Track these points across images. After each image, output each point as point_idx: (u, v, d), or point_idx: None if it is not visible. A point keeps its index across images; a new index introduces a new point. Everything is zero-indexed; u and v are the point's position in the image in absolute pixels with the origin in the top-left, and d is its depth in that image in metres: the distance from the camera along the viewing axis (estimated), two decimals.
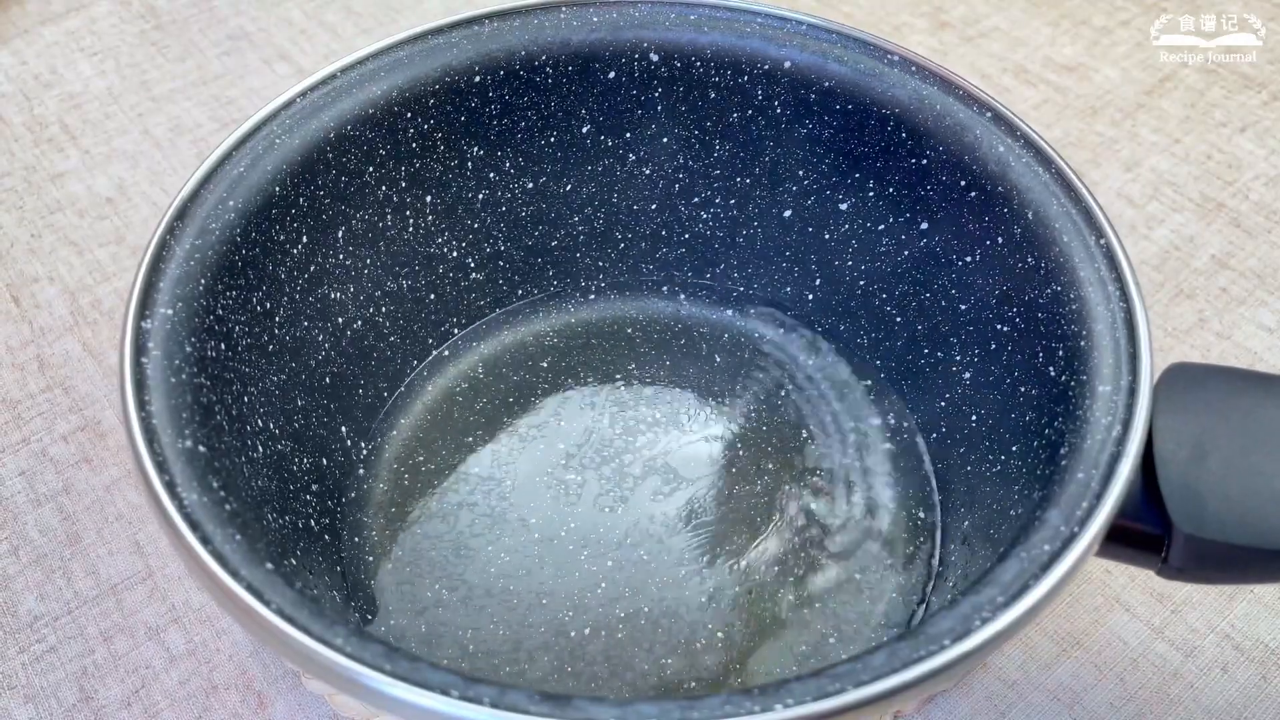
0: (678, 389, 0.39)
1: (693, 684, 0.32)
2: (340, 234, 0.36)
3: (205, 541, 0.25)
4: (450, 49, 0.36)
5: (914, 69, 0.35)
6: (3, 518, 0.39)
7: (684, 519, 0.35)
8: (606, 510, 0.35)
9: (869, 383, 0.41)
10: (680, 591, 0.34)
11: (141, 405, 0.27)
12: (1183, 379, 0.29)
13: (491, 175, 0.40)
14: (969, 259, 0.35)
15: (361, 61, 0.35)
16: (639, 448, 0.36)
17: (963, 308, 0.36)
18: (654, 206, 0.42)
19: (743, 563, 0.35)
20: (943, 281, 0.37)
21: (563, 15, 0.37)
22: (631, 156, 0.41)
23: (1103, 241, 0.31)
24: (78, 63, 0.56)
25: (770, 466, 0.37)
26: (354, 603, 0.35)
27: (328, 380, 0.37)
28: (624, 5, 0.37)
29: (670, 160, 0.41)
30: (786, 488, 0.37)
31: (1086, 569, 0.30)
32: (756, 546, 0.35)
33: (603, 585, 0.33)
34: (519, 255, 0.43)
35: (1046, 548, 0.25)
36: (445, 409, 0.39)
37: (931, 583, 0.35)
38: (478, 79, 0.37)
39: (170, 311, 0.29)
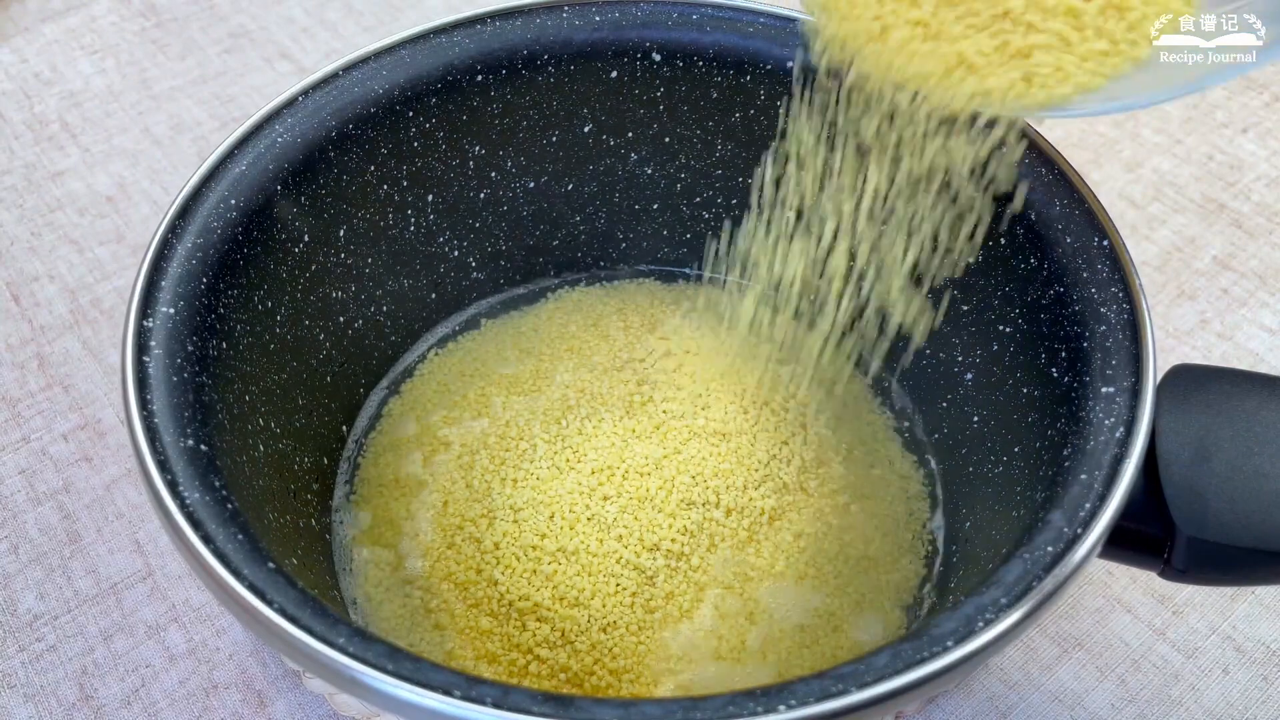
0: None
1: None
2: (342, 233, 0.36)
3: (207, 540, 0.25)
4: (452, 48, 0.36)
5: None
6: (2, 516, 0.39)
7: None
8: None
9: (870, 383, 0.41)
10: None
11: (143, 404, 0.27)
12: (1185, 381, 0.29)
13: (493, 174, 0.40)
14: (971, 260, 0.35)
15: (363, 60, 0.35)
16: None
17: (965, 309, 0.36)
18: (656, 206, 0.42)
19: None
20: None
21: (565, 14, 0.37)
22: (633, 156, 0.41)
23: (1105, 243, 0.31)
24: (78, 61, 0.56)
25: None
26: (355, 602, 0.35)
27: (329, 379, 0.37)
28: (627, 5, 0.37)
29: (672, 160, 0.41)
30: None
31: (1088, 570, 0.30)
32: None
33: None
34: (520, 254, 0.43)
35: (1049, 549, 0.25)
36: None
37: (933, 583, 0.35)
38: (480, 78, 0.37)
39: (172, 310, 0.29)
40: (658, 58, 0.38)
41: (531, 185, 0.41)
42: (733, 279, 0.35)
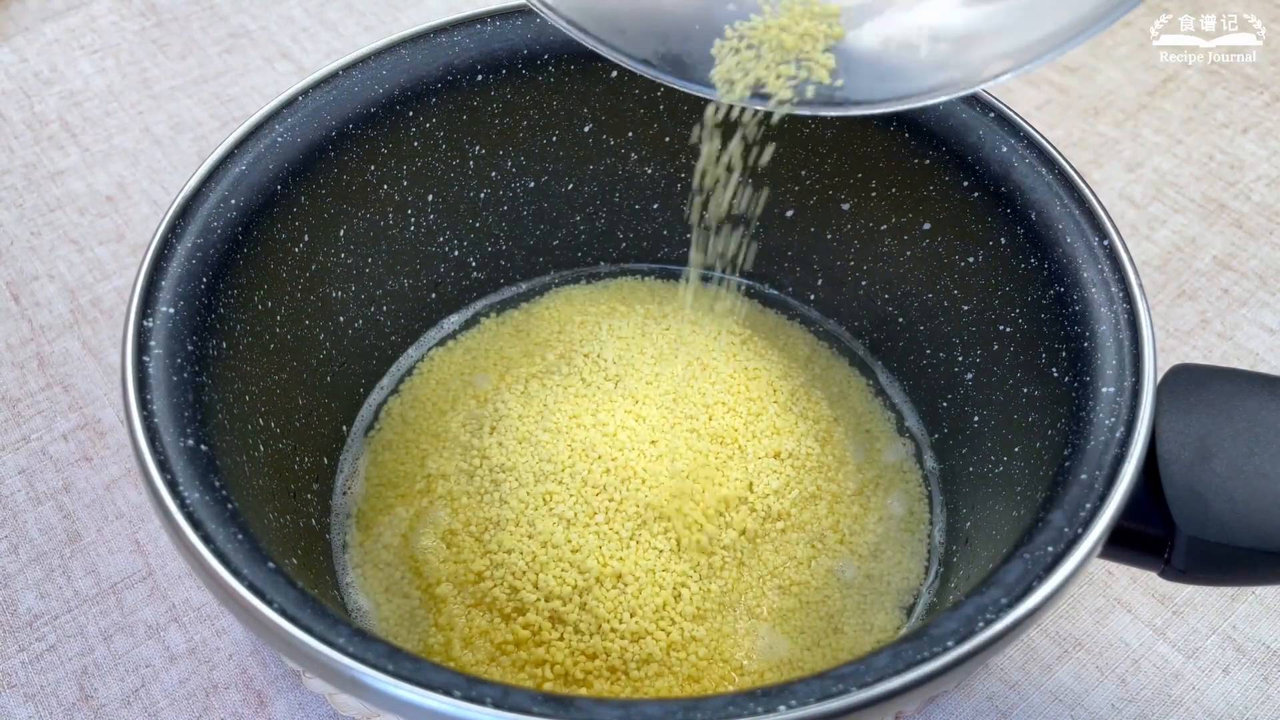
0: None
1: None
2: (342, 233, 0.36)
3: (207, 540, 0.25)
4: (453, 47, 0.36)
5: None
6: (2, 516, 0.39)
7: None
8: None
9: (871, 383, 0.41)
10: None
11: (143, 404, 0.27)
12: (1186, 380, 0.29)
13: (493, 174, 0.40)
14: (971, 260, 0.35)
15: (364, 60, 0.35)
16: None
17: (965, 309, 0.36)
18: (656, 206, 0.42)
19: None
20: (945, 282, 0.37)
21: None
22: (634, 156, 0.41)
23: (1106, 243, 0.31)
24: (78, 60, 0.56)
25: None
26: (355, 602, 0.35)
27: (329, 379, 0.37)
28: None
29: (672, 160, 0.41)
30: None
31: (1088, 570, 0.30)
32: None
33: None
34: (520, 254, 0.43)
35: (1050, 549, 0.25)
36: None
37: (933, 583, 0.35)
38: (480, 78, 0.37)
39: (172, 310, 0.29)
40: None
41: (531, 185, 0.41)
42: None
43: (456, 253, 0.41)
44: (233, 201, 0.32)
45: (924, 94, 0.30)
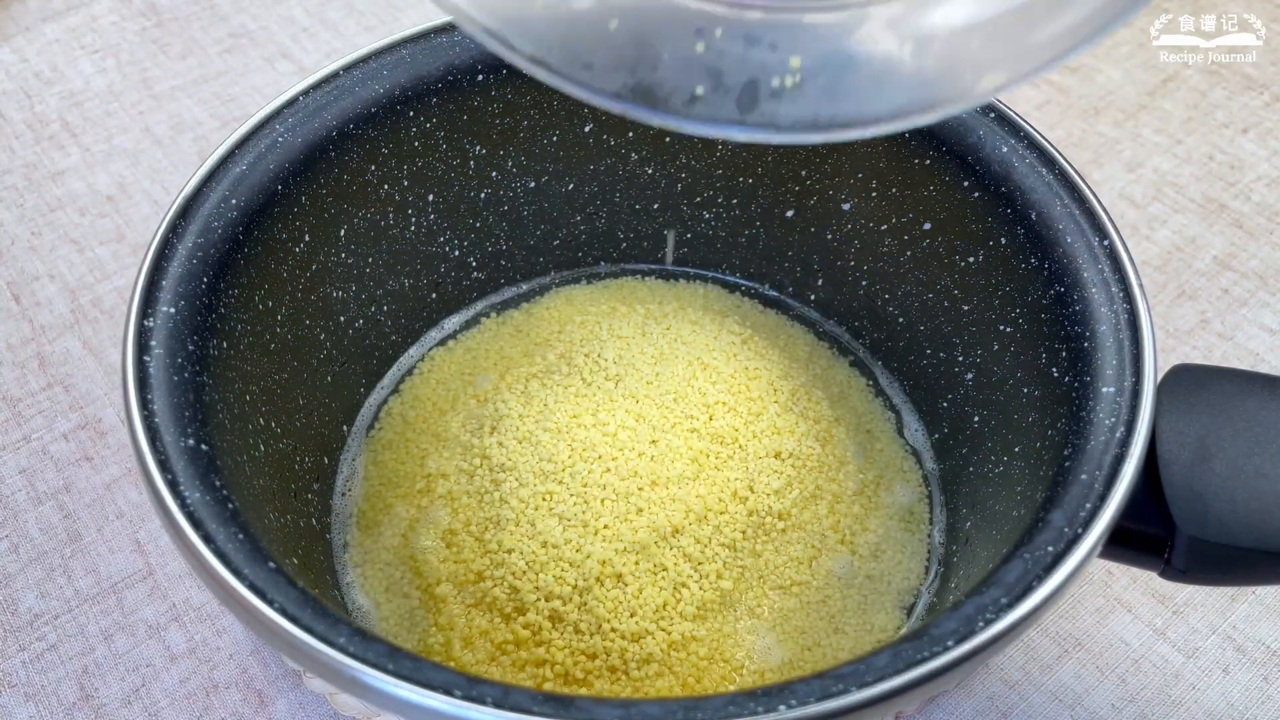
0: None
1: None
2: (342, 233, 0.36)
3: (208, 540, 0.25)
4: (453, 47, 0.36)
5: None
6: (3, 515, 0.39)
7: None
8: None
9: (871, 383, 0.41)
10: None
11: (144, 404, 0.27)
12: (1186, 380, 0.29)
13: (494, 174, 0.40)
14: (972, 260, 0.35)
15: (364, 60, 0.35)
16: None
17: (965, 309, 0.36)
18: (656, 206, 0.42)
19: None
20: (945, 282, 0.37)
21: None
22: (634, 156, 0.41)
23: (1106, 243, 0.31)
24: (79, 60, 0.56)
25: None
26: (355, 601, 0.35)
27: (329, 379, 0.37)
28: None
29: (673, 160, 0.41)
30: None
31: (1088, 570, 0.30)
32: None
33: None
34: (521, 254, 0.43)
35: (1050, 549, 0.25)
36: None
37: (933, 583, 0.35)
38: (480, 77, 0.37)
39: (173, 310, 0.29)
40: None
41: (532, 185, 0.41)
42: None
43: (457, 253, 0.41)
44: (233, 201, 0.32)
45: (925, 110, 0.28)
